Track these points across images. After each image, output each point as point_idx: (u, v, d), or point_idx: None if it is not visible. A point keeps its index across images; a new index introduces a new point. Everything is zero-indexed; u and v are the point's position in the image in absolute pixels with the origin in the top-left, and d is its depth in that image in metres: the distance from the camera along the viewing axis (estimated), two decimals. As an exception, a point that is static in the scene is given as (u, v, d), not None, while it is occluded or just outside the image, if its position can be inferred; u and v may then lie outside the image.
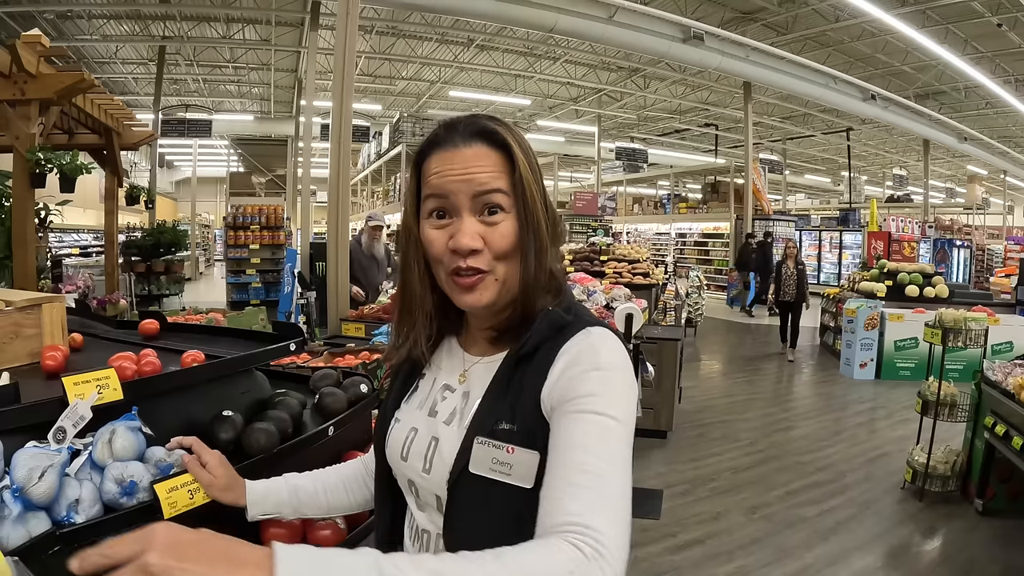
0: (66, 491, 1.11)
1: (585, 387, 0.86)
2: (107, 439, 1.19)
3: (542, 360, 0.92)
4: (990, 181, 29.47)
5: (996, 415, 3.98)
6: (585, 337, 0.93)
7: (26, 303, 1.66)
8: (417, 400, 1.06)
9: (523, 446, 0.89)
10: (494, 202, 0.93)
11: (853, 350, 8.52)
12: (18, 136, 4.24)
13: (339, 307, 5.17)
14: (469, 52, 17.73)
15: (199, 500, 1.19)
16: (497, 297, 0.95)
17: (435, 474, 0.95)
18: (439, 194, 0.94)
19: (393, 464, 1.04)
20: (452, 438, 0.95)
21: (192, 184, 24.83)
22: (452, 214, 0.94)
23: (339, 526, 1.46)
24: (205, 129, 15.21)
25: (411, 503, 1.05)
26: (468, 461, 0.90)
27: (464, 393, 1.01)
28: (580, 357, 0.89)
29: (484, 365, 1.01)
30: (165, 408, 1.42)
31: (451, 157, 0.94)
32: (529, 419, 0.90)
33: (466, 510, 0.91)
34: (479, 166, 0.93)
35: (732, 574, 3.52)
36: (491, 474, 0.89)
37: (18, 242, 4.37)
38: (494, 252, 0.93)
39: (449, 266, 0.94)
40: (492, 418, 0.91)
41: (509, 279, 0.95)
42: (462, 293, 0.95)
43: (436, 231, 0.95)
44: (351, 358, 3.12)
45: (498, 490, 0.89)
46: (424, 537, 1.02)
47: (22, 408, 1.20)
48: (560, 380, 0.89)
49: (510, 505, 0.89)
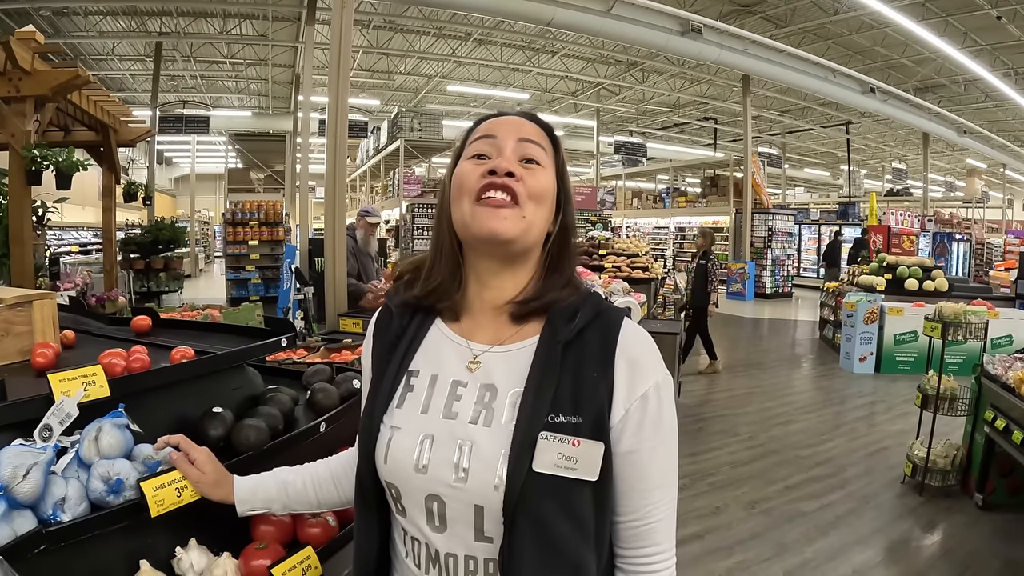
0: (52, 489, 1.10)
1: (654, 417, 0.93)
2: (93, 436, 1.18)
3: (594, 349, 0.93)
4: (989, 175, 29.44)
5: (996, 409, 3.97)
6: (634, 336, 0.96)
7: (16, 300, 1.64)
8: (415, 403, 0.97)
9: (590, 438, 0.88)
10: (534, 155, 0.97)
11: (852, 344, 8.51)
12: (13, 133, 4.21)
13: (337, 303, 5.15)
14: (467, 46, 17.68)
15: (187, 498, 1.18)
16: (518, 235, 0.94)
17: (475, 481, 0.88)
18: (487, 134, 0.99)
19: (399, 479, 0.94)
20: (494, 438, 0.89)
21: (191, 180, 24.79)
22: (494, 155, 0.96)
23: (329, 523, 1.44)
24: (203, 125, 15.14)
25: (420, 523, 0.93)
26: (531, 459, 0.85)
27: (484, 386, 0.94)
28: (642, 367, 0.94)
29: (501, 354, 0.96)
30: (154, 405, 1.41)
31: (501, 119, 1.02)
32: (596, 412, 0.90)
33: (533, 515, 0.86)
34: (527, 125, 1.01)
35: (731, 569, 3.51)
36: (556, 471, 0.86)
37: (15, 240, 4.34)
38: (528, 189, 0.95)
39: (478, 187, 0.94)
40: (546, 411, 0.88)
41: (534, 227, 0.96)
42: (486, 217, 0.93)
43: (472, 165, 0.97)
44: (347, 354, 3.10)
45: (564, 487, 0.87)
46: (449, 562, 0.92)
47: (7, 405, 1.19)
48: (631, 392, 0.92)
49: (576, 502, 0.88)
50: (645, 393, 0.92)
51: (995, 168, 28.10)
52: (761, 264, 17.25)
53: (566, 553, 0.87)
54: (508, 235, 0.92)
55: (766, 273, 17.28)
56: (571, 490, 0.87)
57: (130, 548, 1.20)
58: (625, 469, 0.92)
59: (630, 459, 0.92)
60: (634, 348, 0.94)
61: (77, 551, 1.12)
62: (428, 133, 14.61)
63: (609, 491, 0.92)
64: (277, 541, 1.34)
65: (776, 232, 17.56)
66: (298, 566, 1.26)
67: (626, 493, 0.93)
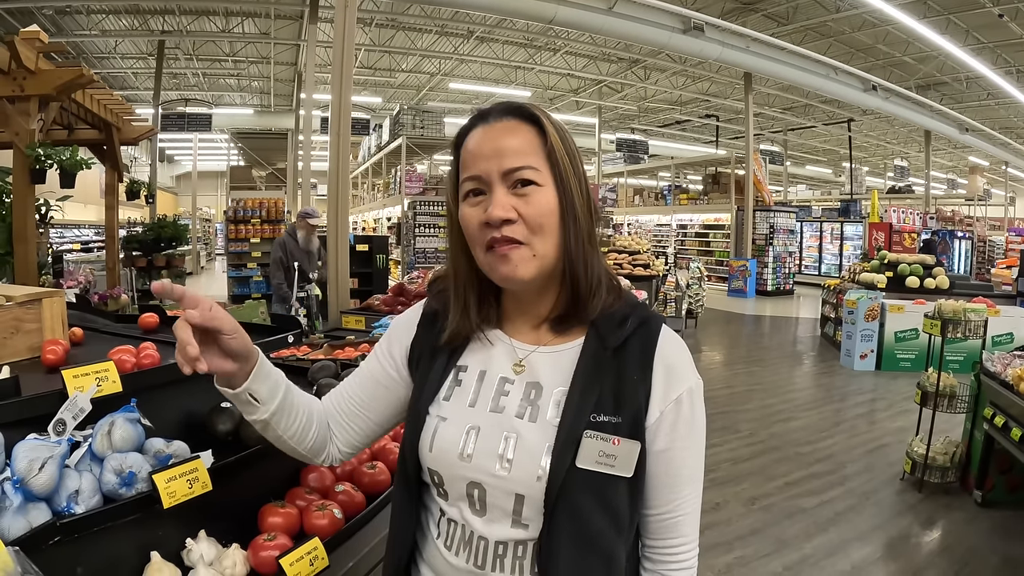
0: (66, 482, 1.12)
1: (687, 418, 0.99)
2: (106, 431, 1.21)
3: (636, 356, 0.97)
4: (991, 172, 29.39)
5: (995, 406, 3.98)
6: (671, 343, 1.01)
7: (26, 298, 1.67)
8: (463, 397, 1.01)
9: (628, 437, 0.93)
10: (525, 177, 0.94)
11: (853, 341, 8.52)
12: (18, 132, 4.24)
13: (339, 300, 5.19)
14: (469, 44, 17.68)
15: (198, 490, 1.21)
16: (537, 273, 0.95)
17: (519, 471, 0.93)
18: (473, 175, 0.95)
19: (443, 466, 0.98)
20: (539, 432, 0.94)
21: (192, 178, 24.81)
22: (486, 191, 0.95)
23: (336, 516, 1.47)
24: (205, 123, 15.15)
25: (462, 507, 0.98)
26: (575, 455, 0.90)
27: (530, 384, 0.99)
28: (677, 372, 0.99)
29: (546, 355, 1.00)
30: (164, 400, 1.44)
31: (483, 134, 0.97)
32: (635, 413, 0.94)
33: (571, 507, 0.91)
34: (510, 140, 0.95)
35: (731, 564, 3.53)
36: (596, 467, 0.91)
37: (19, 238, 4.37)
38: (529, 223, 0.93)
39: (483, 240, 0.94)
40: (589, 410, 0.93)
41: (548, 255, 0.95)
42: (498, 265, 0.94)
43: (471, 209, 0.96)
44: (351, 350, 3.12)
45: (601, 482, 0.92)
46: (480, 545, 0.96)
47: (22, 401, 1.22)
48: (667, 396, 0.97)
49: (612, 496, 0.93)
50: (679, 397, 0.97)
51: (997, 165, 28.05)
52: (763, 261, 17.24)
53: (600, 544, 0.93)
54: (524, 277, 0.94)
55: (767, 270, 17.27)
56: (607, 485, 0.92)
57: (142, 540, 1.23)
58: (658, 467, 0.97)
59: (663, 457, 0.97)
60: (671, 355, 0.99)
61: (90, 543, 1.14)
62: (430, 131, 14.58)
63: (642, 487, 0.98)
64: (285, 533, 1.36)
65: (778, 229, 17.55)
66: (305, 557, 1.29)
67: (657, 488, 0.98)
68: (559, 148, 0.96)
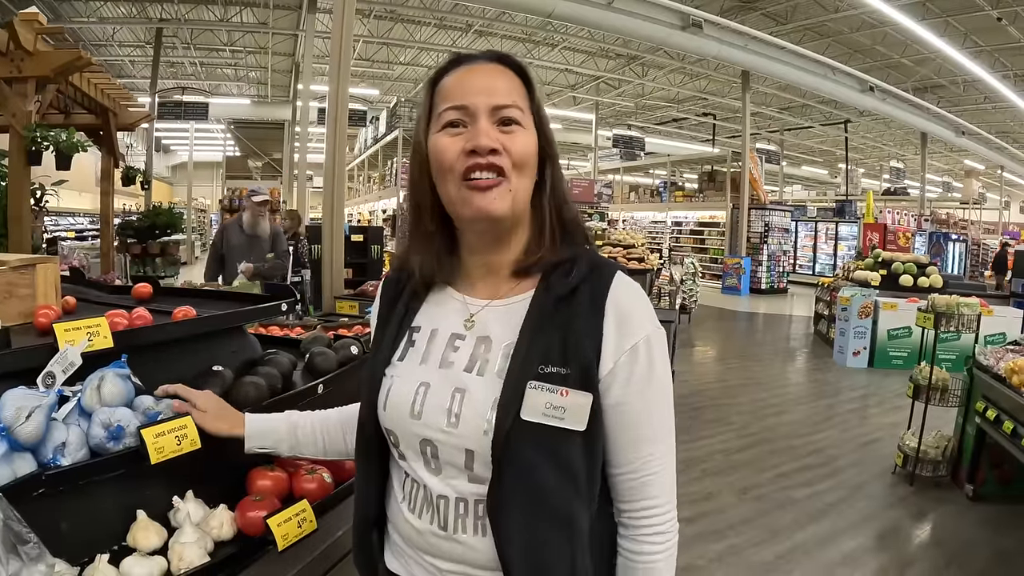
0: (53, 434, 1.12)
1: (643, 370, 0.93)
2: (96, 385, 1.20)
3: (586, 304, 0.93)
4: (987, 176, 29.48)
5: (987, 400, 4.00)
6: (625, 289, 0.96)
7: (20, 263, 1.65)
8: (415, 356, 1.00)
9: (579, 389, 0.89)
10: (512, 116, 0.93)
11: (846, 338, 8.54)
12: (15, 114, 4.22)
13: (333, 286, 5.20)
14: (467, 37, 17.63)
15: (187, 447, 1.20)
16: (509, 211, 0.93)
17: (465, 427, 0.90)
18: (457, 104, 0.93)
19: (397, 425, 0.97)
20: (486, 386, 0.91)
21: (188, 168, 24.73)
22: (468, 123, 0.92)
23: (325, 480, 1.46)
24: (202, 112, 15.11)
25: (417, 467, 0.96)
26: (520, 407, 0.87)
27: (480, 338, 0.96)
28: (632, 320, 0.94)
29: (497, 309, 0.98)
30: (155, 362, 1.43)
31: (470, 71, 0.96)
32: (584, 363, 0.90)
33: (518, 461, 0.88)
34: (499, 80, 0.95)
35: (723, 553, 3.54)
36: (544, 419, 0.87)
37: (14, 219, 4.35)
38: (513, 158, 0.92)
39: (462, 168, 0.91)
40: (537, 362, 0.90)
41: (520, 193, 0.94)
42: (474, 197, 0.91)
43: (449, 139, 0.93)
44: (344, 331, 3.11)
45: (551, 436, 0.88)
46: (440, 504, 0.94)
47: (11, 353, 1.21)
48: (620, 346, 0.92)
49: (565, 451, 0.89)
50: (635, 346, 0.92)
51: (993, 169, 28.15)
52: (757, 260, 17.26)
53: (553, 502, 0.89)
54: (500, 213, 0.92)
55: (762, 269, 17.29)
56: (559, 439, 0.88)
57: (128, 499, 1.22)
58: (615, 421, 0.93)
59: (619, 411, 0.92)
60: (625, 301, 0.94)
61: (75, 497, 1.13)
62: (427, 124, 14.58)
63: (599, 443, 0.93)
64: (274, 495, 1.35)
65: (772, 228, 17.56)
66: (293, 518, 1.28)
67: (619, 445, 0.94)
68: (540, 101, 0.98)
